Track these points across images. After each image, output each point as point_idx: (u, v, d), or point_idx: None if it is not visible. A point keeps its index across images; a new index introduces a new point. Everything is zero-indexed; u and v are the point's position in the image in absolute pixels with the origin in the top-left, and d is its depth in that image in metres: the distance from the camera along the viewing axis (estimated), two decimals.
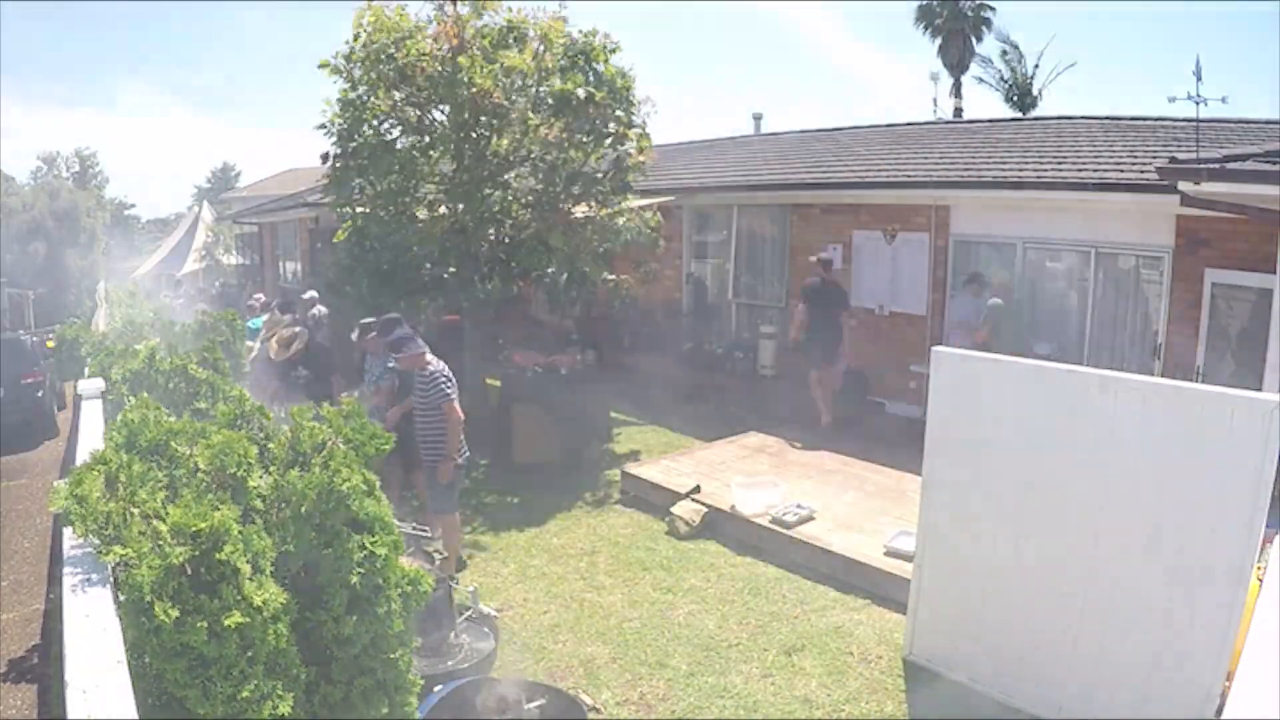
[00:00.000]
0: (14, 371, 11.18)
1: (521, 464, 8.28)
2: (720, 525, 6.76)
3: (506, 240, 9.00)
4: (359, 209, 8.86)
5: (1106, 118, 10.68)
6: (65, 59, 74.02)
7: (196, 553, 2.07)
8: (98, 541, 2.02)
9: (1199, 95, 6.02)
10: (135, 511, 2.09)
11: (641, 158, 8.99)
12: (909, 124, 13.92)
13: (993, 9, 28.81)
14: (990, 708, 4.35)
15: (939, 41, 29.30)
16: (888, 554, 5.81)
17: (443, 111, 8.65)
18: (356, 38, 8.42)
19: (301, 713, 2.30)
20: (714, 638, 5.17)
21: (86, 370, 5.36)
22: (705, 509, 6.85)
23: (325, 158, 8.77)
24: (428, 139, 8.75)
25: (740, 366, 11.14)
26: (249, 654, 2.10)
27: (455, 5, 8.44)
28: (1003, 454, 4.29)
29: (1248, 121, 9.01)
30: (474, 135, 8.51)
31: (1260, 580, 3.50)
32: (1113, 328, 8.02)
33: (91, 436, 3.34)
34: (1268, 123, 8.91)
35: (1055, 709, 4.18)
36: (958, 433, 4.49)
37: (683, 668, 4.84)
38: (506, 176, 8.78)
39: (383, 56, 8.24)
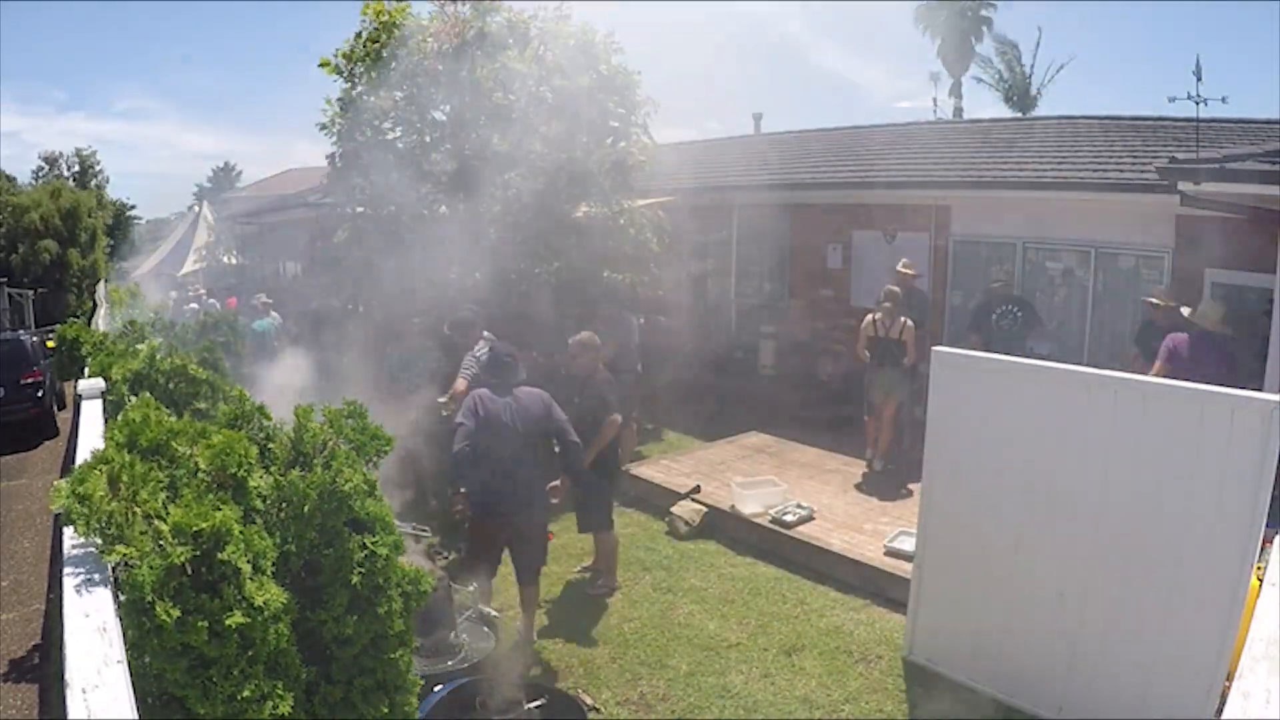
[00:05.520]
0: (14, 371, 11.19)
1: None
2: (720, 525, 6.76)
3: (506, 240, 8.99)
4: (359, 209, 8.86)
5: (1106, 118, 10.69)
6: (65, 61, 74.08)
7: (198, 553, 2.07)
8: (100, 541, 2.02)
9: (1199, 95, 6.03)
10: (137, 511, 2.09)
11: (643, 157, 8.99)
12: (909, 124, 13.94)
13: (993, 7, 28.87)
14: (990, 708, 4.36)
15: (939, 42, 29.36)
16: (888, 554, 5.81)
17: (443, 111, 8.65)
18: (358, 36, 8.43)
19: (301, 713, 2.30)
20: (714, 638, 5.17)
21: (86, 370, 5.35)
22: (705, 509, 6.85)
23: (331, 159, 8.79)
24: (428, 139, 8.75)
25: (740, 366, 11.14)
26: (249, 654, 2.10)
27: (457, 5, 8.45)
28: (1002, 454, 4.29)
29: (1248, 121, 9.02)
30: (474, 135, 8.51)
31: (1260, 580, 3.50)
32: (1113, 328, 8.02)
33: (91, 436, 3.33)
34: (1268, 123, 8.91)
35: (1055, 709, 4.18)
36: (958, 433, 4.49)
37: (683, 668, 4.84)
38: (507, 176, 8.78)
39: (384, 55, 8.25)
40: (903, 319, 7.37)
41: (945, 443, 4.55)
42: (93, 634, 1.73)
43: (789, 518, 6.42)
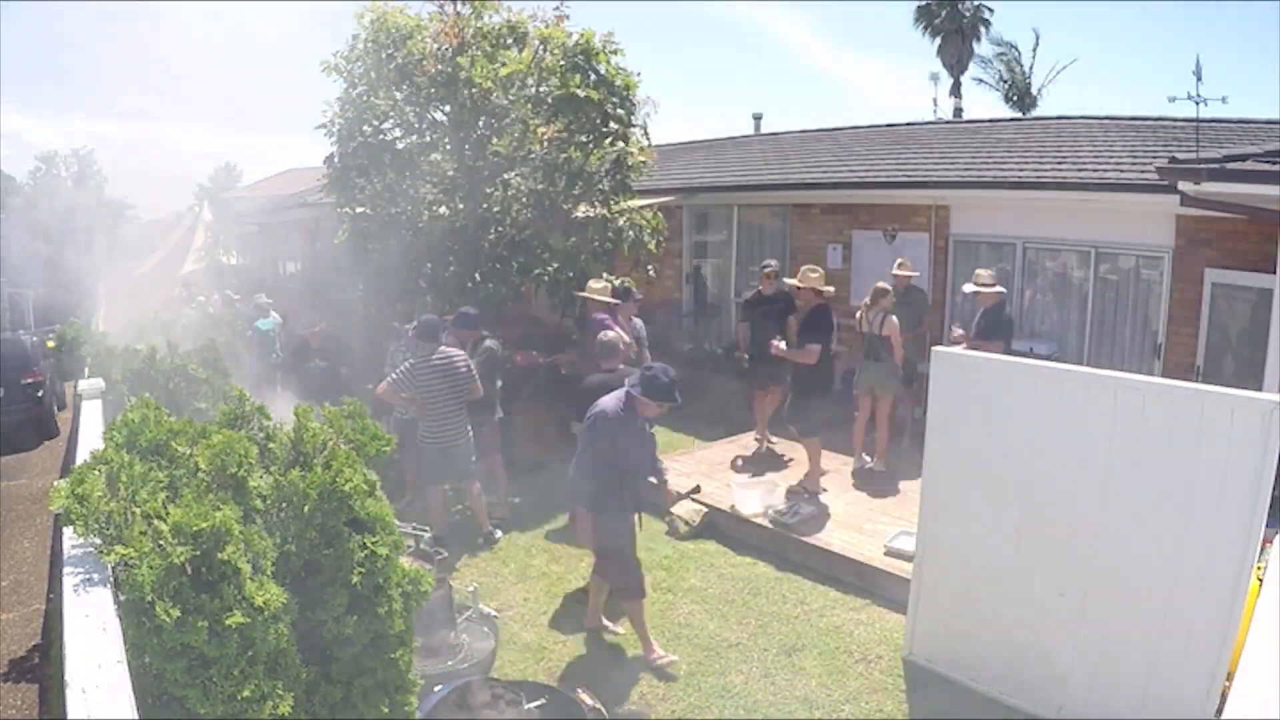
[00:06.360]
0: (14, 371, 11.18)
1: (522, 463, 8.27)
2: (720, 525, 6.76)
3: (506, 240, 9.00)
4: (359, 209, 8.86)
5: (1106, 118, 10.68)
6: (65, 61, 74.06)
7: (197, 553, 2.07)
8: (99, 541, 2.02)
9: (1199, 95, 6.02)
10: (136, 511, 2.09)
11: (642, 157, 8.99)
12: (909, 124, 13.91)
13: (990, 9, 28.86)
14: (990, 708, 4.36)
15: (938, 41, 29.34)
16: (888, 554, 5.81)
17: (443, 111, 8.65)
18: (357, 36, 8.43)
19: (301, 713, 2.30)
20: (714, 638, 5.17)
21: (86, 370, 5.36)
22: (705, 509, 6.84)
23: (329, 160, 8.78)
24: (428, 139, 8.75)
25: (741, 366, 11.11)
26: (249, 654, 2.10)
27: (455, 5, 8.45)
28: (1003, 454, 4.29)
29: (1248, 121, 9.01)
30: (474, 135, 8.51)
31: (1260, 580, 3.50)
32: (1113, 328, 8.01)
33: (91, 436, 3.34)
34: (1268, 123, 8.91)
35: (1055, 709, 4.18)
36: (958, 432, 4.49)
37: (683, 668, 4.84)
38: (506, 176, 8.79)
39: (383, 56, 8.24)
40: (890, 316, 7.38)
41: (945, 442, 4.55)
42: (93, 634, 1.73)
43: (789, 518, 6.42)
